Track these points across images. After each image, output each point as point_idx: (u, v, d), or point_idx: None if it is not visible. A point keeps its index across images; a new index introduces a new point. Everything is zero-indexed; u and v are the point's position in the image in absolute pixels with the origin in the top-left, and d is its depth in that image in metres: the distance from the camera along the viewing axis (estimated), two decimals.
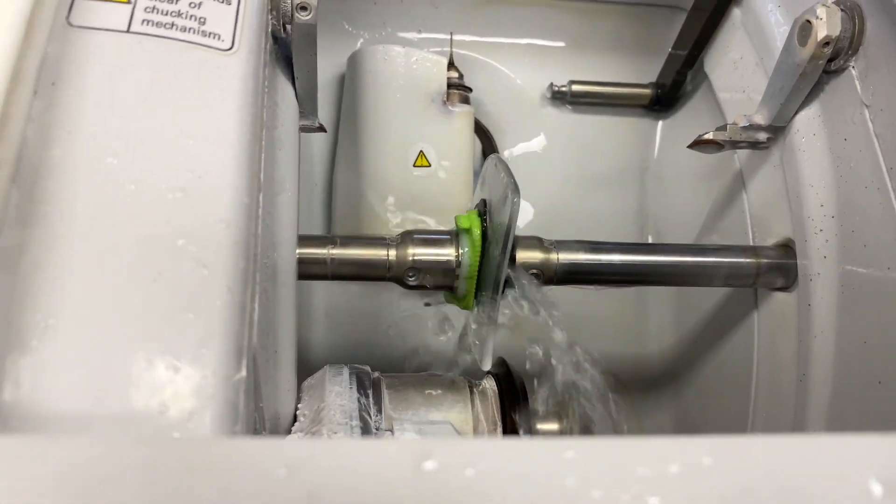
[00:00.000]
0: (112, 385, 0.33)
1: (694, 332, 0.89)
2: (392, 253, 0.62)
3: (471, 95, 0.93)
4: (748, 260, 0.67)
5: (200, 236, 0.36)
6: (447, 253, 0.62)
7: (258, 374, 0.43)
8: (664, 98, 1.00)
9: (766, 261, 0.67)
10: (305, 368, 0.62)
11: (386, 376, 0.61)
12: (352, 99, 0.89)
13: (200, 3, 0.43)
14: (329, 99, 0.95)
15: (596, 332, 0.98)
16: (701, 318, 0.87)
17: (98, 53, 0.39)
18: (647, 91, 1.00)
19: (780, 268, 0.67)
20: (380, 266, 0.62)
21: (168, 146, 0.38)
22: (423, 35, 0.98)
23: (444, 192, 0.86)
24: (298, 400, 0.57)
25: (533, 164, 1.01)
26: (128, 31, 0.41)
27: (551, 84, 0.99)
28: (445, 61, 0.88)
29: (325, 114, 0.96)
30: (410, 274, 0.62)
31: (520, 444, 0.24)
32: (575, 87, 0.99)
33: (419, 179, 0.85)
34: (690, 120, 0.99)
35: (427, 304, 0.75)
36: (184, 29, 0.42)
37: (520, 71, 1.01)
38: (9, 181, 0.35)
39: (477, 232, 0.60)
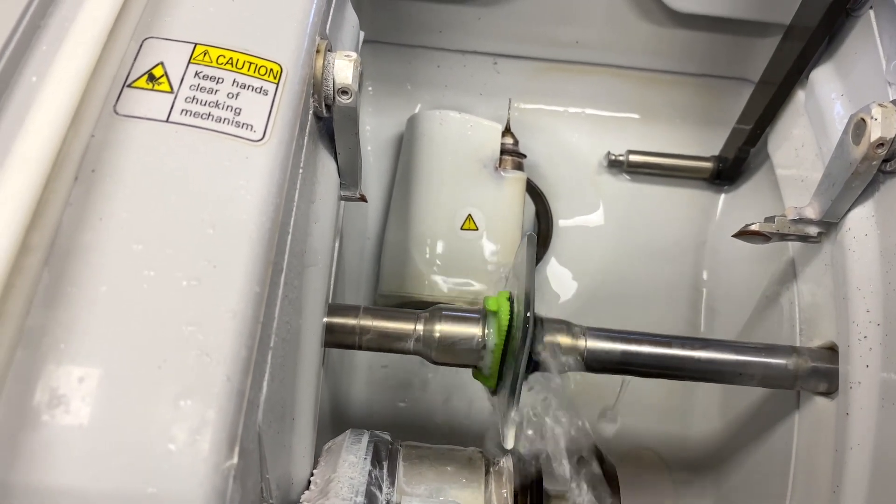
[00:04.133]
0: (110, 464, 0.35)
1: (738, 420, 0.86)
2: (420, 327, 0.63)
3: (528, 159, 0.94)
4: (787, 362, 0.64)
5: (208, 324, 0.38)
6: (474, 332, 0.62)
7: (263, 448, 0.45)
8: (726, 172, 0.98)
9: (806, 364, 0.64)
10: (344, 423, 0.64)
11: (405, 446, 0.62)
12: (407, 160, 0.92)
13: (238, 94, 0.46)
14: (388, 156, 0.98)
15: (642, 410, 0.97)
16: (746, 408, 0.84)
17: (137, 143, 0.42)
18: (708, 164, 0.98)
19: (822, 373, 0.64)
20: (407, 339, 0.63)
21: (190, 235, 0.41)
22: (485, 98, 1.00)
23: (490, 256, 0.87)
24: (316, 464, 0.59)
25: (587, 232, 1.01)
26: (167, 120, 0.44)
27: (608, 152, 0.99)
28: (500, 127, 0.89)
29: (383, 170, 0.99)
30: (436, 349, 0.63)
31: None
32: (632, 157, 0.98)
33: (465, 242, 0.86)
34: (753, 196, 0.96)
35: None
36: (219, 119, 0.45)
37: (578, 138, 1.01)
38: (41, 264, 0.38)
39: (505, 317, 0.60)
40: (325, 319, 0.61)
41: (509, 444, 0.62)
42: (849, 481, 0.59)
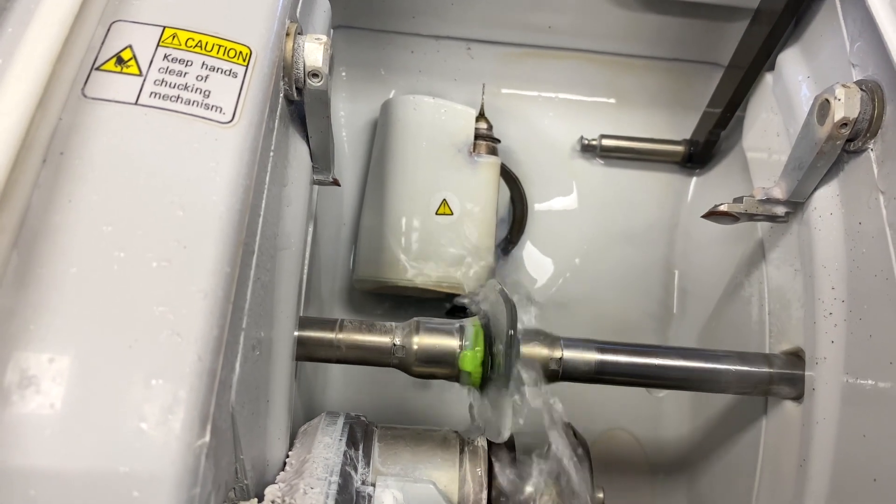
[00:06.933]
0: (81, 444, 0.35)
1: (708, 424, 0.88)
2: (398, 340, 0.63)
3: (502, 144, 0.94)
4: (759, 369, 0.66)
5: (178, 305, 0.39)
6: (452, 344, 0.62)
7: (237, 429, 0.45)
8: (697, 155, 0.99)
9: (776, 371, 0.66)
10: (320, 409, 0.63)
11: (380, 427, 0.62)
12: (381, 145, 0.92)
13: (207, 77, 0.46)
14: (362, 141, 0.98)
15: (616, 413, 0.98)
16: (716, 411, 0.86)
17: (106, 125, 0.42)
18: (680, 148, 1.00)
19: (790, 379, 0.66)
20: (385, 352, 0.63)
21: (160, 216, 0.41)
22: (459, 84, 1.00)
23: (465, 240, 0.87)
24: (292, 446, 0.59)
25: (561, 216, 1.02)
26: (136, 103, 0.44)
27: (581, 137, 1.00)
28: (474, 112, 0.90)
29: (358, 156, 0.99)
30: (415, 362, 0.62)
31: None
32: (605, 142, 0.99)
33: (440, 227, 0.87)
34: (724, 178, 0.98)
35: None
36: (188, 102, 0.45)
37: (552, 122, 1.02)
38: (10, 246, 0.38)
39: (480, 341, 0.61)
40: (301, 334, 0.61)
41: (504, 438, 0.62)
42: (813, 461, 0.61)
